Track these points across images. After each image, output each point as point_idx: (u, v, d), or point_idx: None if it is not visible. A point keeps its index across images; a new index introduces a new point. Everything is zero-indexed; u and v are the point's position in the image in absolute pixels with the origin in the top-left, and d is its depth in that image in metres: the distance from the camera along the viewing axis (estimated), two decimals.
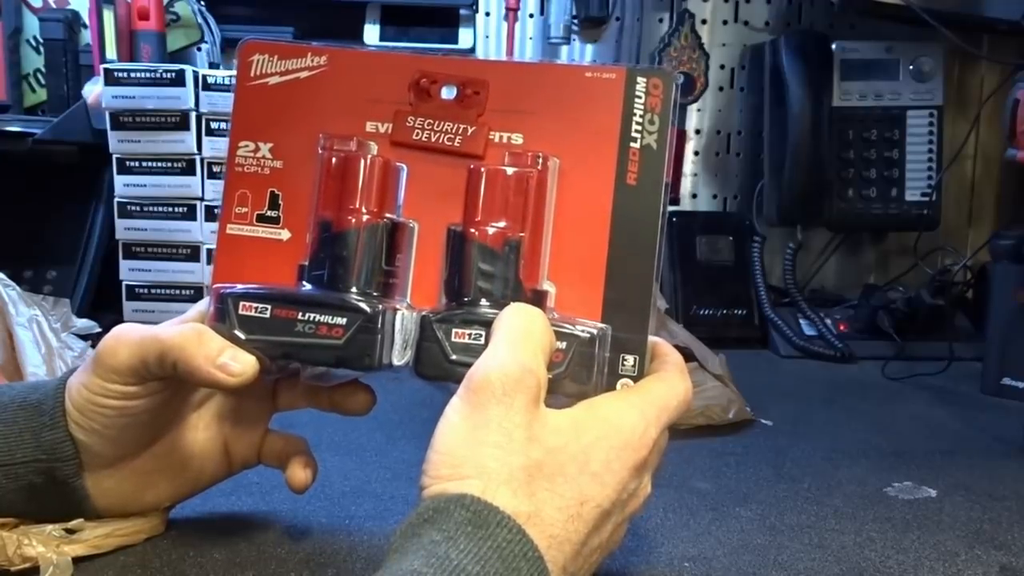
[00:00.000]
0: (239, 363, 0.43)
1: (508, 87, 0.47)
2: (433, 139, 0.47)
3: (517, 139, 0.46)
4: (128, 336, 0.44)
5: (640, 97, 0.46)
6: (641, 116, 0.46)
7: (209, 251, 0.93)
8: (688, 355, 0.77)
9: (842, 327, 1.13)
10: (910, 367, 1.00)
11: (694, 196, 1.32)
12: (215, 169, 0.92)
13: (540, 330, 0.41)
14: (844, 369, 1.05)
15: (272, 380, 0.50)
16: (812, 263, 1.31)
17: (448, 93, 0.47)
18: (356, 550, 0.49)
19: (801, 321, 1.14)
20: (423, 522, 0.35)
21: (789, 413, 0.83)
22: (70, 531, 0.46)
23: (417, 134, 0.47)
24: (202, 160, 0.92)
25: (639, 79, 0.46)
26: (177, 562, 0.47)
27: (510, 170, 0.45)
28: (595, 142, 0.46)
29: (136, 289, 0.94)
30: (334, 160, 0.46)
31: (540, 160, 0.45)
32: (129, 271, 0.94)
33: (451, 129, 0.47)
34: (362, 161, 0.45)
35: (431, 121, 0.47)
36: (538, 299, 0.44)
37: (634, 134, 0.46)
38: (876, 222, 1.20)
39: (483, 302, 0.44)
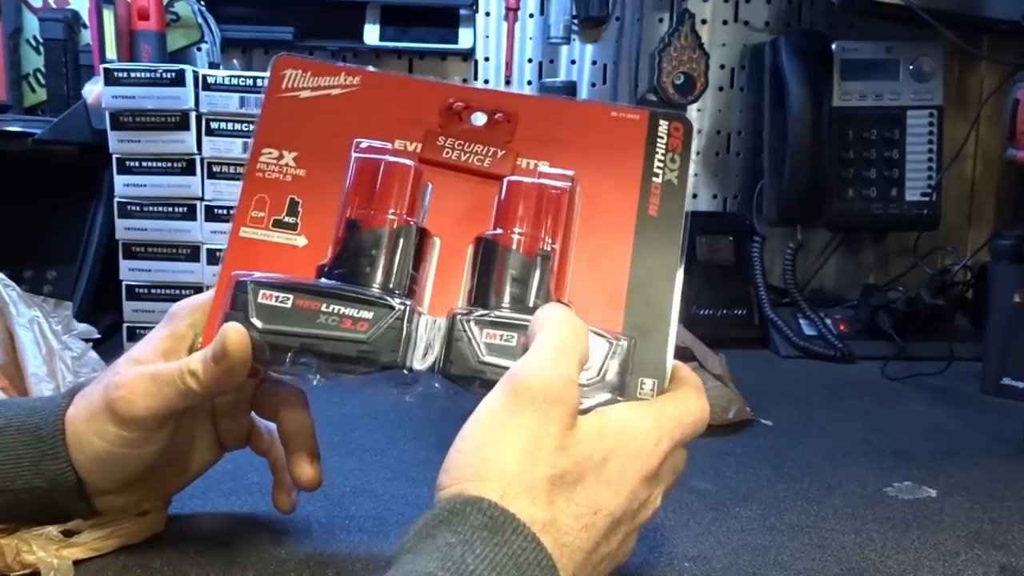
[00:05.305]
0: (219, 342, 0.42)
1: (536, 119, 0.49)
2: (463, 159, 0.48)
3: (544, 167, 0.48)
4: (142, 385, 0.43)
5: (663, 138, 0.48)
6: (663, 155, 0.48)
7: (209, 251, 0.93)
8: (688, 355, 0.77)
9: (842, 327, 1.13)
10: (910, 367, 1.00)
11: (694, 196, 1.32)
12: (215, 169, 0.92)
13: (584, 341, 0.41)
14: (844, 369, 1.05)
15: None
16: (812, 263, 1.31)
17: (478, 120, 0.48)
18: (356, 550, 0.49)
19: (801, 321, 1.14)
20: (438, 523, 0.35)
21: (789, 413, 0.83)
22: (68, 533, 0.46)
23: (447, 153, 0.48)
24: (202, 160, 0.92)
25: (662, 122, 0.49)
26: (177, 562, 0.47)
27: (546, 183, 0.46)
28: (619, 174, 0.48)
29: (136, 289, 0.94)
30: (371, 162, 0.46)
31: (572, 180, 0.47)
32: (129, 271, 0.94)
33: (481, 151, 0.48)
34: (399, 165, 0.46)
35: (462, 142, 0.48)
36: None
37: (656, 170, 0.48)
38: (876, 222, 1.20)
39: (515, 308, 0.44)
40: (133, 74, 0.91)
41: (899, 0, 1.04)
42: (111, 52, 1.04)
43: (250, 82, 0.91)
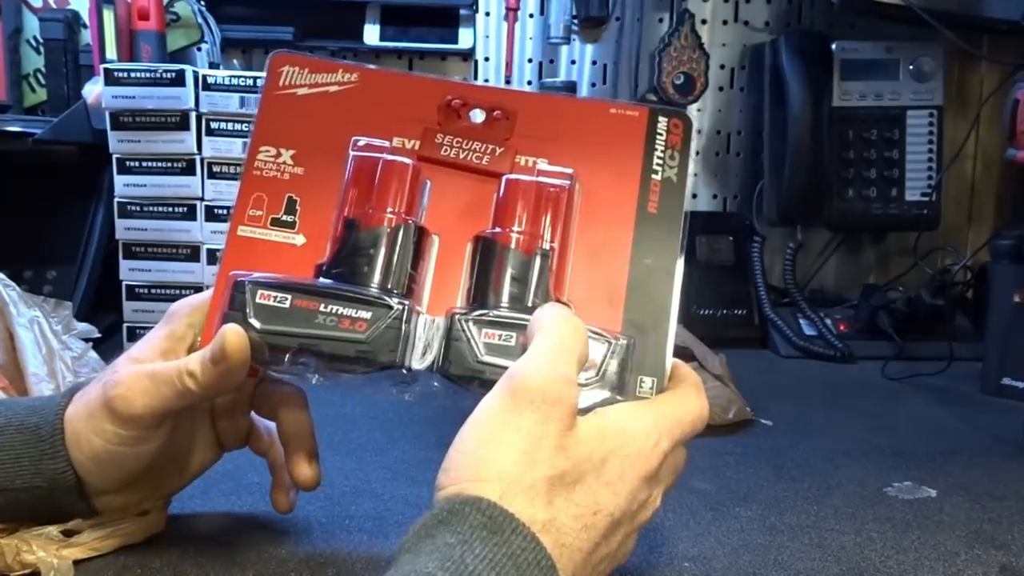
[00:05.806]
0: (218, 344, 0.42)
1: (535, 116, 0.48)
2: (461, 156, 0.48)
3: (543, 164, 0.47)
4: (140, 384, 0.43)
5: (662, 135, 0.48)
6: (663, 152, 0.48)
7: (209, 251, 0.93)
8: (688, 355, 0.77)
9: (842, 327, 1.13)
10: (910, 367, 1.00)
11: (694, 196, 1.32)
12: (215, 169, 0.92)
13: (583, 341, 0.41)
14: (844, 369, 1.05)
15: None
16: (812, 263, 1.30)
17: (476, 117, 0.48)
18: (356, 550, 0.49)
19: (801, 321, 1.14)
20: (437, 523, 0.35)
21: (789, 413, 0.83)
22: (68, 533, 0.46)
23: (446, 150, 0.48)
24: (202, 160, 0.92)
25: (661, 118, 0.48)
26: (177, 562, 0.47)
27: (545, 181, 0.46)
28: (618, 172, 0.47)
29: (136, 289, 0.94)
30: (369, 160, 0.46)
31: (571, 179, 0.46)
32: (129, 271, 0.94)
33: (479, 148, 0.48)
34: (397, 163, 0.46)
35: (460, 139, 0.48)
36: None
37: (655, 167, 0.47)
38: (876, 222, 1.20)
39: (514, 307, 0.44)
40: (133, 74, 0.91)
41: (899, 0, 1.04)
42: (111, 52, 1.04)
43: (250, 82, 0.91)
